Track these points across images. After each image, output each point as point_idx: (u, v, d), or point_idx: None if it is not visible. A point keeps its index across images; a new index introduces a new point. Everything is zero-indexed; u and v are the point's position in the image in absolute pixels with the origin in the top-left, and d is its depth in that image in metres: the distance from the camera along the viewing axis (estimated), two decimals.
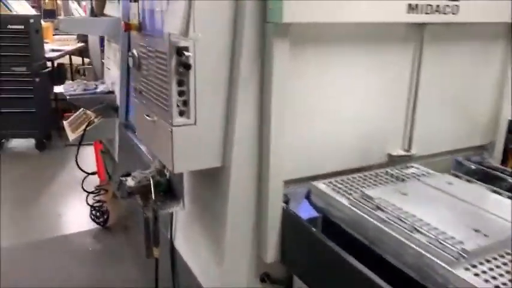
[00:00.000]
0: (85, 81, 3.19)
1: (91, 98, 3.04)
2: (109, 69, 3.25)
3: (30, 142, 5.44)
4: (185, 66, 1.39)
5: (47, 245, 3.33)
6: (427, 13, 1.57)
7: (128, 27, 1.68)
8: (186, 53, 1.35)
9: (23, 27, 4.84)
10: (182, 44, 1.37)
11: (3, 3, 5.84)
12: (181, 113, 1.44)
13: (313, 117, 1.59)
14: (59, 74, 6.07)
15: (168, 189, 1.72)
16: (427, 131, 1.83)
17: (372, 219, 1.29)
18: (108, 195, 3.61)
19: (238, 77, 1.43)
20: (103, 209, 3.48)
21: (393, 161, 1.80)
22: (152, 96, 1.59)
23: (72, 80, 6.53)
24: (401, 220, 1.23)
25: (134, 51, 1.70)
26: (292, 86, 1.47)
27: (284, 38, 1.40)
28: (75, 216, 3.82)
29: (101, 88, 3.18)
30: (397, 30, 1.66)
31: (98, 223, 3.50)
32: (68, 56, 6.30)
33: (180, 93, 1.42)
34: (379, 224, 1.26)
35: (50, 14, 7.87)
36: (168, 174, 1.73)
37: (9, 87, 4.96)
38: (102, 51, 7.46)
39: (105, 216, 3.50)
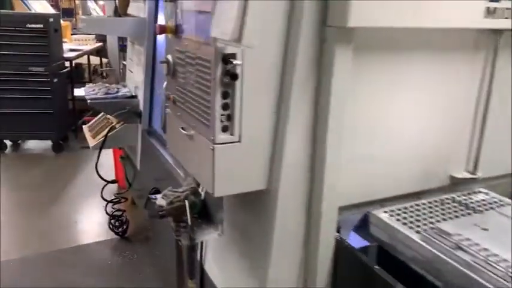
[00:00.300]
0: (107, 84, 3.04)
1: (113, 103, 2.88)
2: (131, 72, 3.09)
3: (46, 143, 5.32)
4: (232, 76, 1.21)
5: (62, 255, 3.16)
6: (506, 18, 1.37)
7: (163, 30, 1.50)
8: (234, 61, 1.17)
9: (42, 26, 4.71)
10: (229, 50, 1.19)
11: (22, 1, 5.75)
12: (224, 129, 1.26)
13: (372, 134, 1.40)
14: (77, 75, 5.96)
15: (202, 210, 1.54)
16: (494, 151, 1.62)
17: (452, 262, 1.09)
18: (126, 202, 3.44)
19: (291, 88, 1.25)
20: (122, 218, 3.31)
21: (455, 184, 1.59)
22: (189, 108, 1.41)
23: (90, 80, 6.43)
24: (490, 265, 1.03)
25: (169, 57, 1.52)
26: (351, 99, 1.28)
27: (347, 44, 1.21)
28: (92, 224, 3.67)
29: (123, 92, 3.02)
30: (468, 37, 1.46)
31: (116, 233, 3.33)
32: (85, 56, 6.17)
33: (224, 107, 1.24)
34: (463, 269, 1.06)
35: (68, 13, 7.79)
36: (203, 194, 1.54)
37: (26, 87, 4.84)
38: (121, 51, 7.33)
39: (125, 226, 3.33)
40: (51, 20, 4.83)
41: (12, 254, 3.11)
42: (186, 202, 1.44)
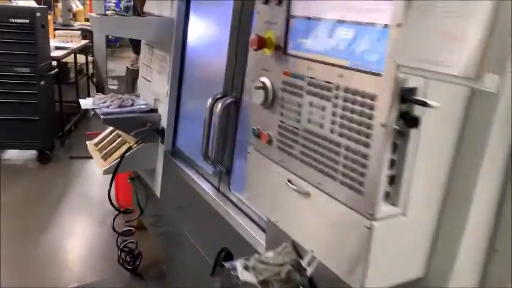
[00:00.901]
0: (119, 95, 2.55)
1: (129, 118, 2.40)
2: (149, 81, 2.62)
3: (30, 153, 4.73)
4: (409, 121, 0.80)
5: None
6: None
7: (262, 44, 1.07)
8: (431, 103, 0.76)
9: (28, 21, 4.12)
10: (411, 83, 0.78)
11: None
12: (385, 197, 0.85)
13: None
14: (62, 75, 5.35)
15: None
16: None
17: None
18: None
19: (488, 133, 0.85)
20: (135, 252, 2.83)
21: None
22: (306, 154, 0.99)
23: (76, 81, 5.84)
24: None
25: (266, 81, 1.10)
26: None
27: None
28: (94, 256, 3.15)
29: (138, 104, 2.54)
30: None
31: (127, 268, 2.84)
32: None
33: (390, 165, 0.83)
34: None
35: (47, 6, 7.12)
36: (310, 270, 1.12)
37: (10, 90, 4.23)
38: (108, 47, 6.64)
39: (138, 262, 2.84)
40: (38, 14, 4.25)
41: None
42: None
